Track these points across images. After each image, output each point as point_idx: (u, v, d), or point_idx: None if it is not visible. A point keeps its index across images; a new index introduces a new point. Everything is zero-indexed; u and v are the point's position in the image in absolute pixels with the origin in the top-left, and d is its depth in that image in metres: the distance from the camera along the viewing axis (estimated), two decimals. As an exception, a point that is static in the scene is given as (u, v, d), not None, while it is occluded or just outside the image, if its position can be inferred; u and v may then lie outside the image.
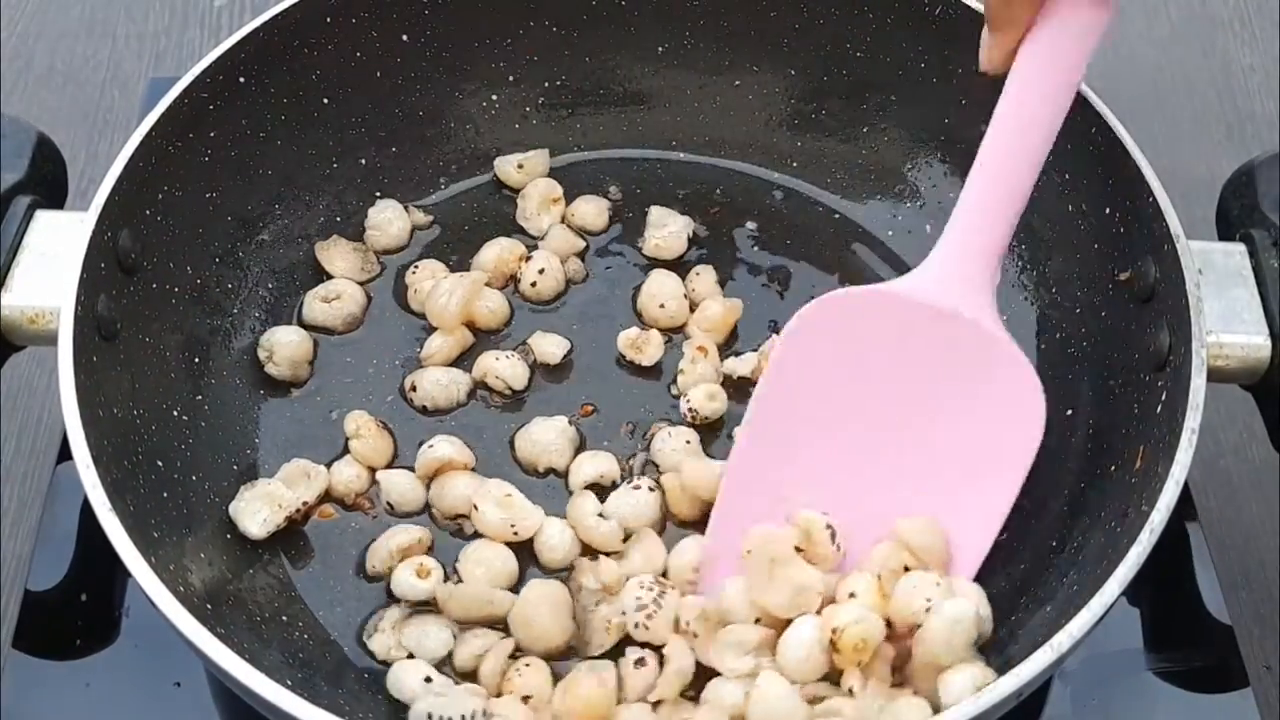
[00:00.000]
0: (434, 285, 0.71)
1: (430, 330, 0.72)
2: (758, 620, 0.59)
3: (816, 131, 0.79)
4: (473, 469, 0.66)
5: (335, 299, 0.72)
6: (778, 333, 0.71)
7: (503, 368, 0.69)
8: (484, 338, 0.72)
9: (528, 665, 0.60)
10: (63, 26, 0.98)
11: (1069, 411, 0.67)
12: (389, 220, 0.75)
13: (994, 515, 0.61)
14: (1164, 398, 0.61)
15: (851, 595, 0.58)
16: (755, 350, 0.71)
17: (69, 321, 0.60)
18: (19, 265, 0.65)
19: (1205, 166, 0.91)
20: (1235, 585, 0.73)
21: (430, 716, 0.56)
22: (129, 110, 0.92)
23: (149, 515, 0.59)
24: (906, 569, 0.59)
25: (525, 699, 0.58)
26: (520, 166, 0.78)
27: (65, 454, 0.70)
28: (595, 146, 0.80)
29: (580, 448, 0.68)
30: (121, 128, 0.91)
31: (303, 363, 0.70)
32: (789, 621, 0.58)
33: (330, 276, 0.74)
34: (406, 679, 0.59)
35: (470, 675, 0.61)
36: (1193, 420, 0.57)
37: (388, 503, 0.66)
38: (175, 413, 0.66)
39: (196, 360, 0.68)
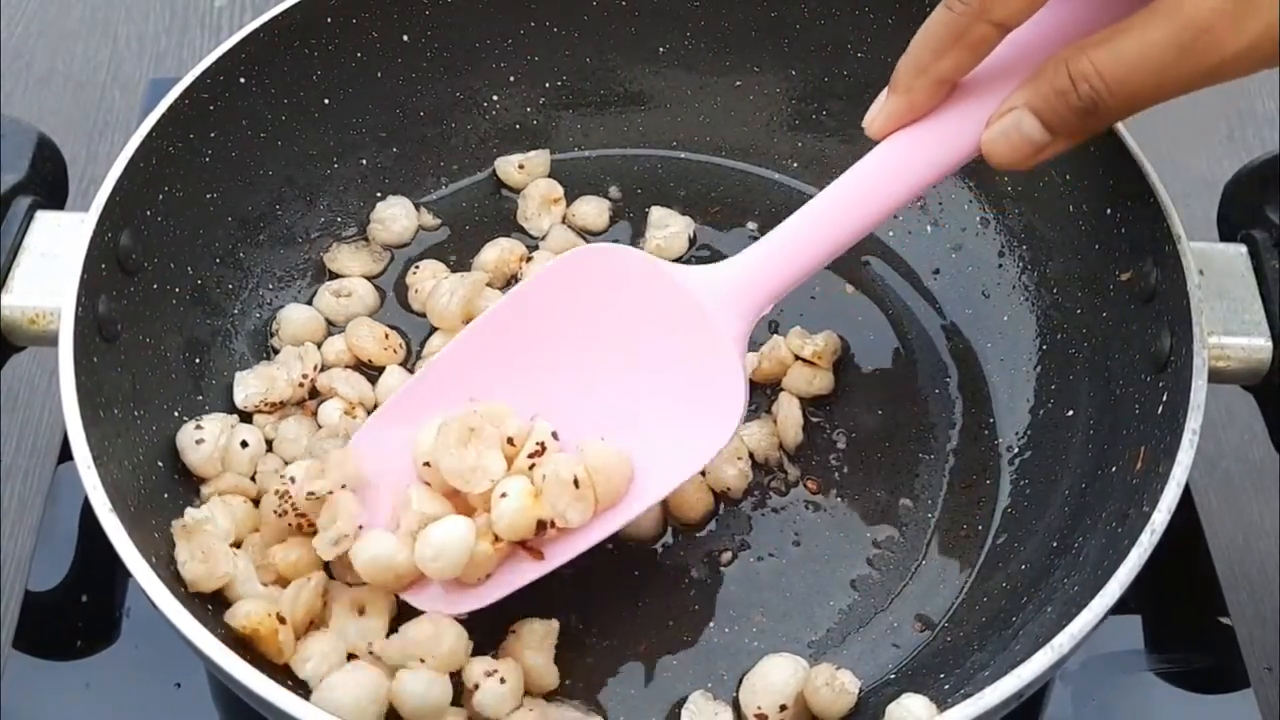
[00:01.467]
0: (435, 285, 0.71)
1: (432, 330, 0.72)
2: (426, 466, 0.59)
3: (817, 132, 0.79)
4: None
5: (346, 295, 0.72)
6: (780, 333, 0.71)
7: None
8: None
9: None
10: (63, 27, 0.98)
11: (1069, 412, 0.68)
12: (395, 217, 0.75)
13: (663, 482, 0.60)
14: (1165, 399, 0.61)
15: (503, 495, 0.58)
16: (755, 351, 0.71)
17: (69, 322, 0.59)
18: (19, 266, 0.65)
19: (1206, 167, 0.91)
20: (1236, 586, 0.73)
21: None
22: (129, 111, 0.92)
23: (149, 516, 0.59)
24: (576, 482, 0.58)
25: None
26: (521, 166, 0.78)
27: (66, 454, 0.70)
28: (596, 146, 0.80)
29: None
30: (122, 128, 0.91)
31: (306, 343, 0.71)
32: (457, 495, 0.59)
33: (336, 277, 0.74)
34: None
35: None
36: (1194, 421, 0.57)
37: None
38: (176, 413, 0.66)
39: (197, 361, 0.68)
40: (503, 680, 0.58)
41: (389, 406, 0.63)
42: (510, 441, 0.59)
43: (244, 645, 0.57)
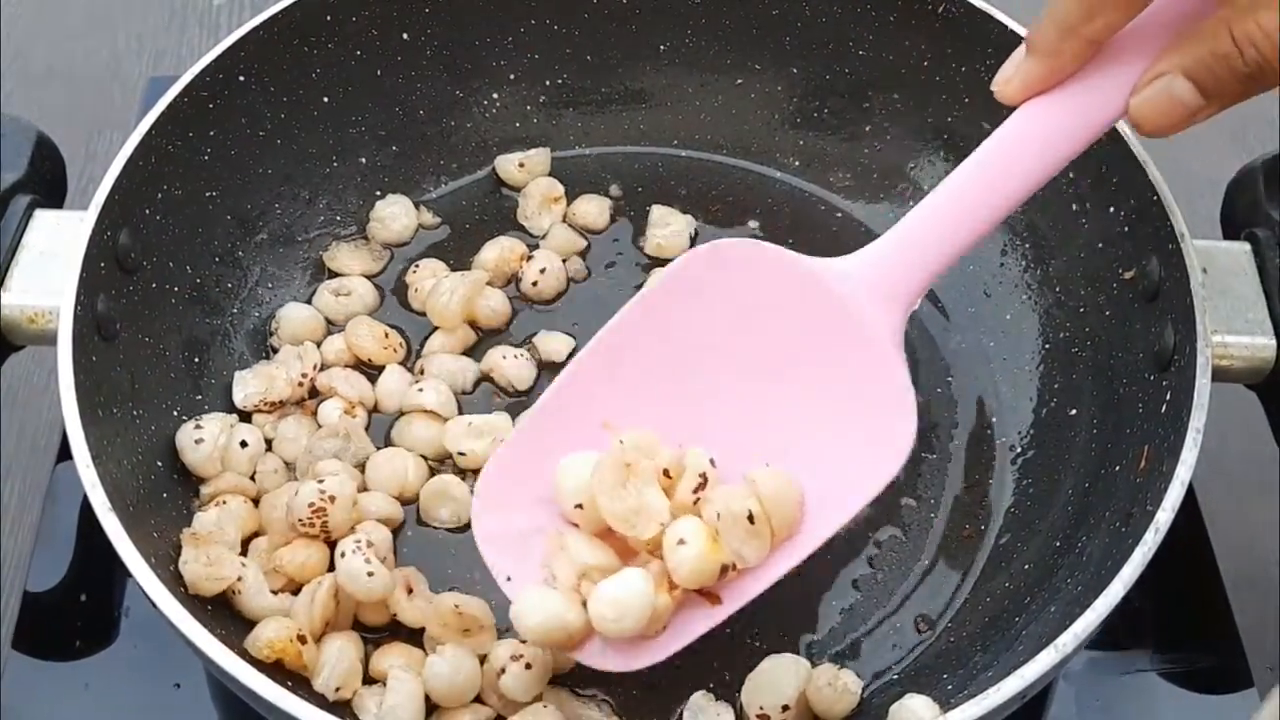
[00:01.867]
0: (434, 284, 0.71)
1: (432, 330, 0.71)
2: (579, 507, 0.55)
3: (819, 130, 0.79)
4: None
5: (346, 294, 0.72)
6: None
7: (509, 368, 0.69)
8: (486, 337, 0.72)
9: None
10: (63, 26, 0.98)
11: (1073, 411, 0.67)
12: (394, 215, 0.75)
13: (838, 512, 0.55)
14: (1168, 397, 0.60)
15: (681, 542, 0.53)
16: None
17: (68, 321, 0.59)
18: (18, 264, 0.65)
19: (1209, 165, 0.90)
20: (1239, 585, 0.72)
21: None
22: (129, 109, 0.92)
23: (149, 515, 0.59)
24: (751, 518, 0.54)
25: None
26: (521, 165, 0.78)
27: (65, 454, 0.70)
28: (596, 145, 0.80)
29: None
30: (121, 127, 0.91)
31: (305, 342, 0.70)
32: (614, 535, 0.55)
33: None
34: None
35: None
36: (1197, 420, 0.57)
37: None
38: (175, 412, 0.66)
39: (196, 360, 0.68)
40: (528, 665, 0.57)
41: (514, 441, 0.58)
42: (666, 473, 0.55)
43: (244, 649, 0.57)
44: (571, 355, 0.71)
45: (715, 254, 0.57)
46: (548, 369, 0.71)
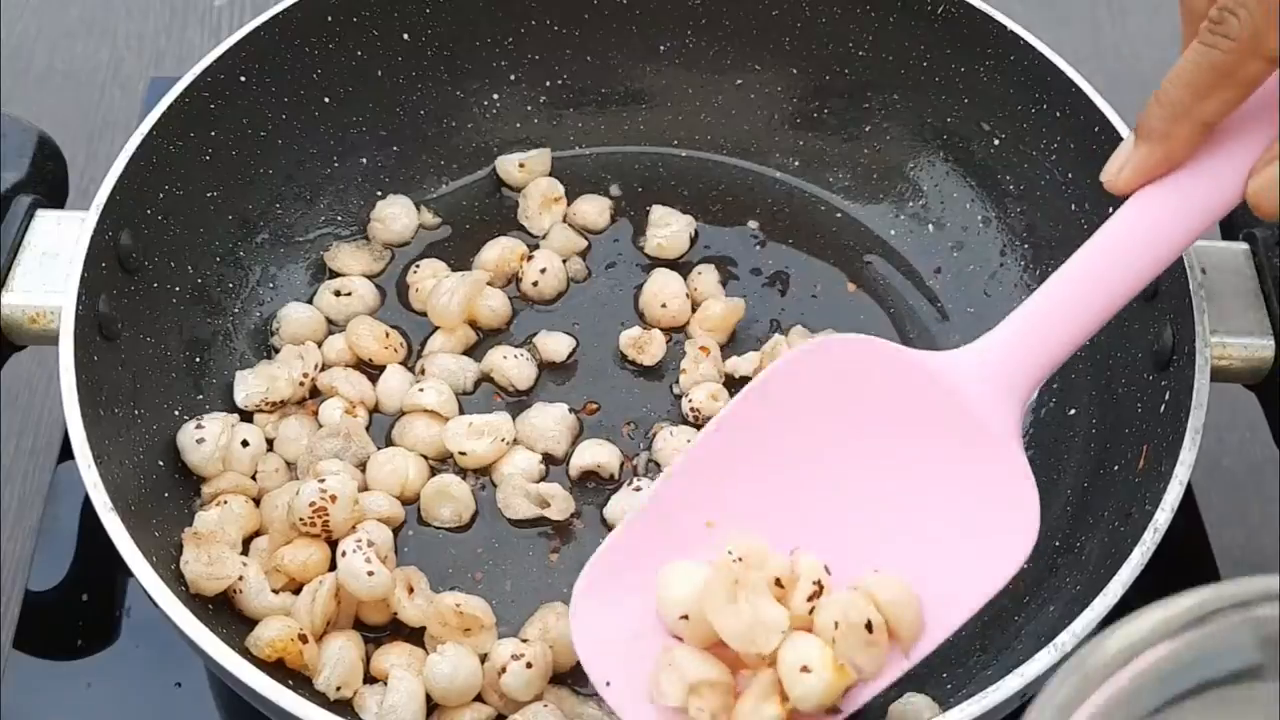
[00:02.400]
0: (435, 285, 0.71)
1: (432, 330, 0.71)
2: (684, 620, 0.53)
3: (818, 130, 0.79)
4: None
5: (346, 294, 0.72)
6: (781, 332, 0.71)
7: (510, 368, 0.69)
8: (486, 337, 0.72)
9: None
10: (63, 26, 0.98)
11: (1072, 411, 0.67)
12: (395, 215, 0.75)
13: (957, 611, 0.53)
14: (1167, 397, 0.61)
15: (805, 669, 0.51)
16: (757, 350, 0.70)
17: (70, 321, 0.59)
18: (20, 265, 0.65)
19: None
20: (1238, 585, 0.73)
21: None
22: (129, 110, 0.92)
23: (150, 515, 0.59)
24: (869, 627, 0.52)
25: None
26: (522, 165, 0.78)
27: (66, 454, 0.70)
28: (597, 145, 0.80)
29: (579, 439, 0.68)
30: (122, 127, 0.91)
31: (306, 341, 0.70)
32: (721, 647, 0.52)
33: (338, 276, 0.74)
34: None
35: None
36: (1196, 420, 0.57)
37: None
38: (176, 412, 0.66)
39: (198, 360, 0.68)
40: (529, 665, 0.58)
41: (613, 547, 0.56)
42: (778, 582, 0.53)
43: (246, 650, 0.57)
44: (571, 355, 0.71)
45: (821, 350, 0.56)
46: (548, 369, 0.71)
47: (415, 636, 0.61)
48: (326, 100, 0.74)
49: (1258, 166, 0.52)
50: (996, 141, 0.73)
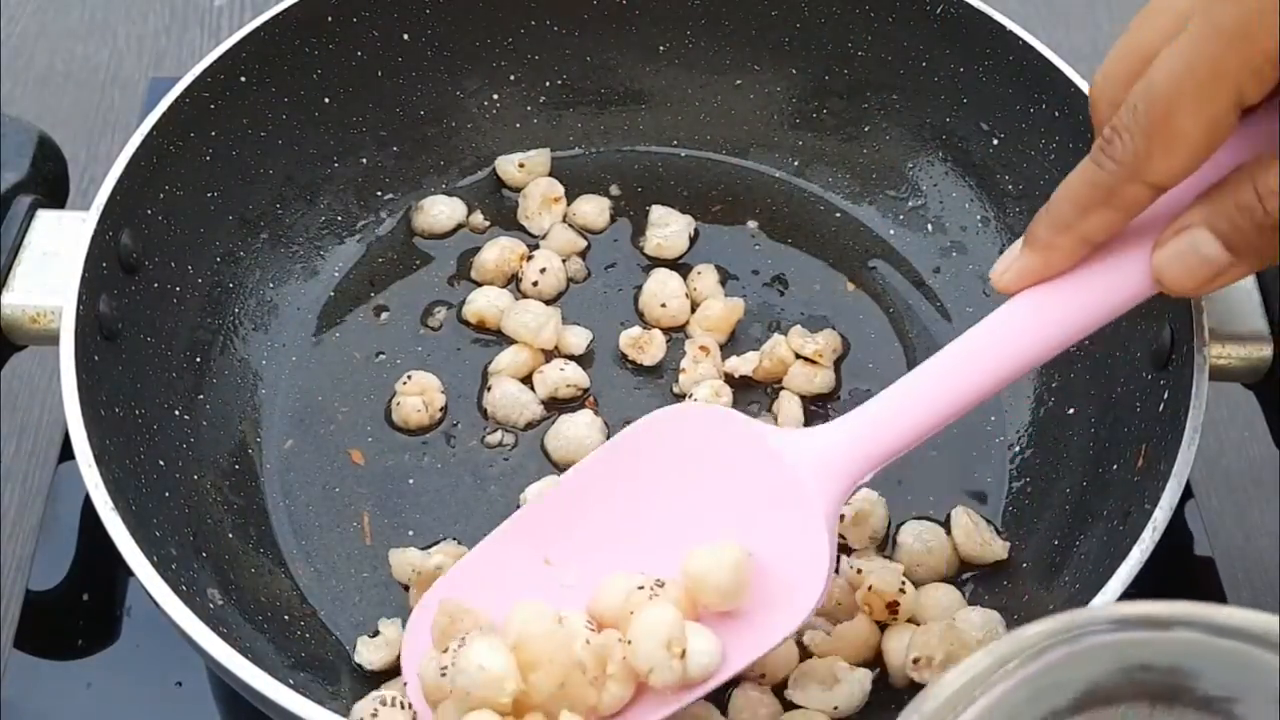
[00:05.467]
0: (519, 305, 0.71)
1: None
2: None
3: (818, 130, 0.79)
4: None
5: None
6: (781, 332, 0.71)
7: (569, 374, 0.69)
8: (492, 341, 0.72)
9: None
10: (63, 26, 0.98)
11: (1070, 410, 0.68)
12: (441, 212, 0.76)
13: (753, 649, 0.55)
14: (1166, 396, 0.61)
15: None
16: (756, 349, 0.71)
17: (70, 321, 0.60)
18: (20, 265, 0.65)
19: (1206, 165, 0.90)
20: (1237, 584, 0.73)
21: None
22: (130, 110, 0.92)
23: (151, 515, 0.59)
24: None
25: None
26: (521, 165, 0.78)
27: (67, 453, 0.70)
28: (596, 145, 0.80)
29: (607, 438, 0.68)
30: (122, 127, 0.91)
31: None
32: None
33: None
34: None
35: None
36: (1195, 419, 0.57)
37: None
38: (177, 412, 0.66)
39: (198, 360, 0.68)
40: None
41: (458, 571, 0.59)
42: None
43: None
44: (589, 347, 0.71)
45: (679, 415, 0.59)
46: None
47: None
48: (326, 100, 0.75)
49: (1163, 239, 0.51)
50: (996, 141, 0.74)
